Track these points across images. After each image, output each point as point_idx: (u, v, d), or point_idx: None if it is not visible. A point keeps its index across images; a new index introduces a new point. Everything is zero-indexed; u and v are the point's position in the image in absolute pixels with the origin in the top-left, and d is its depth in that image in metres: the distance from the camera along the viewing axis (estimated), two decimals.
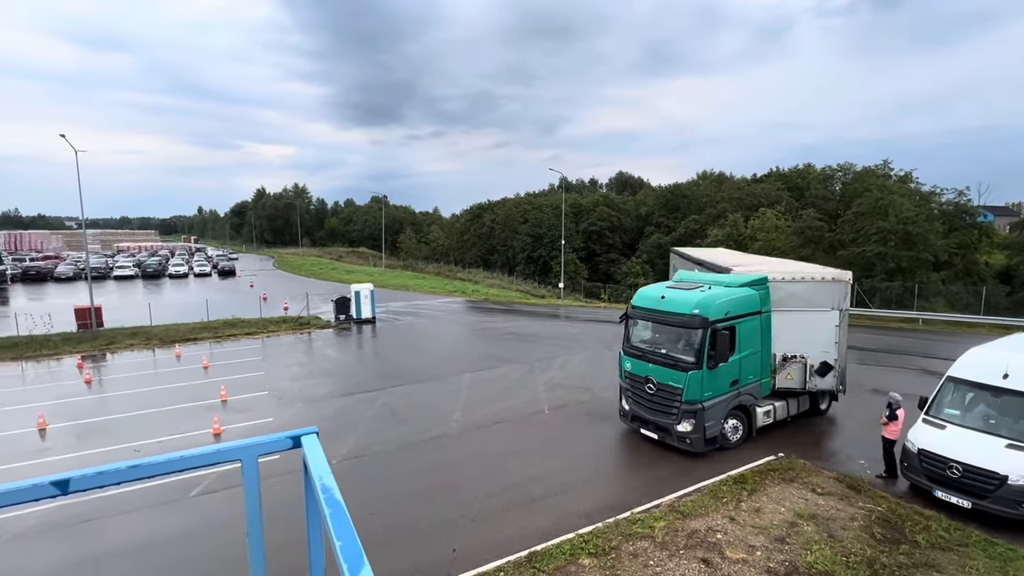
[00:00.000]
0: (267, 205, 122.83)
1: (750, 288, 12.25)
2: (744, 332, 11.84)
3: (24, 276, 50.43)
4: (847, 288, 12.57)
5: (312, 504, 1.56)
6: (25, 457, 12.60)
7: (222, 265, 60.12)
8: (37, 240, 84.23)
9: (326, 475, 1.36)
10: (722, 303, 11.58)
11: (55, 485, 1.32)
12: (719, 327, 11.25)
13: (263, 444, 1.58)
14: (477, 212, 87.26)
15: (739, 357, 11.80)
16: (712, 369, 11.28)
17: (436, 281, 54.21)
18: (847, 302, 12.62)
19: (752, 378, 12.23)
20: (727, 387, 11.71)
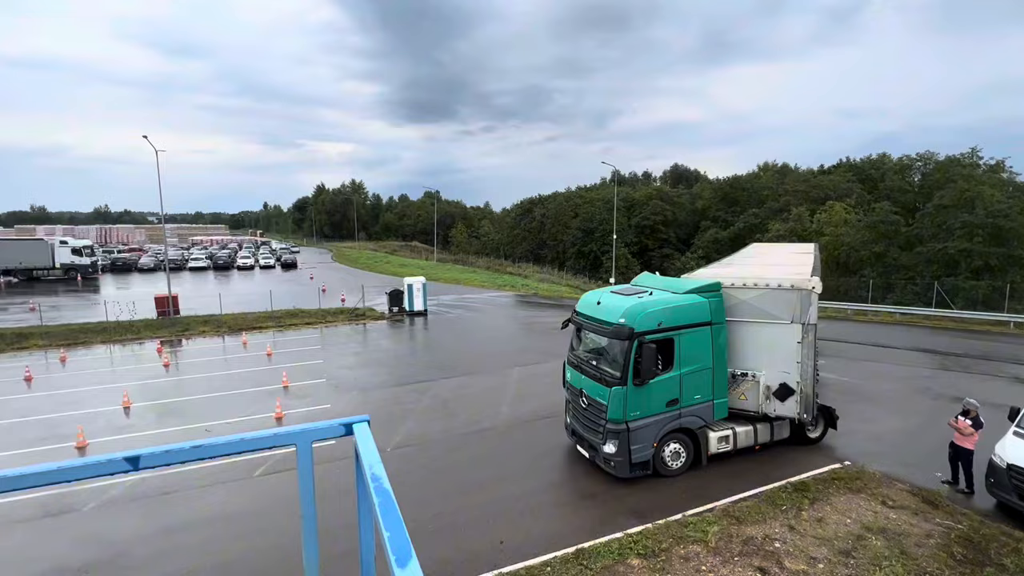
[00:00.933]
0: (326, 200, 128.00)
1: (698, 296, 10.75)
2: (687, 345, 10.48)
3: (112, 267, 55.04)
4: (811, 298, 10.49)
5: (362, 491, 1.57)
6: (112, 432, 13.76)
7: (285, 258, 63.26)
8: (123, 234, 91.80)
9: (376, 464, 1.36)
10: (654, 312, 10.23)
11: (127, 461, 1.39)
12: (647, 339, 9.95)
13: (317, 430, 1.61)
14: (527, 206, 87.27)
15: (679, 373, 10.45)
16: (639, 386, 10.02)
17: (486, 275, 54.70)
18: (812, 315, 10.57)
19: (699, 398, 10.76)
20: (662, 407, 10.39)
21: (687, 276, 12.52)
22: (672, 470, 10.77)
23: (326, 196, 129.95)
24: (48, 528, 9.47)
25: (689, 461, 10.90)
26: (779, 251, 18.49)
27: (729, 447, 11.12)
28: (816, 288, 10.52)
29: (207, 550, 8.74)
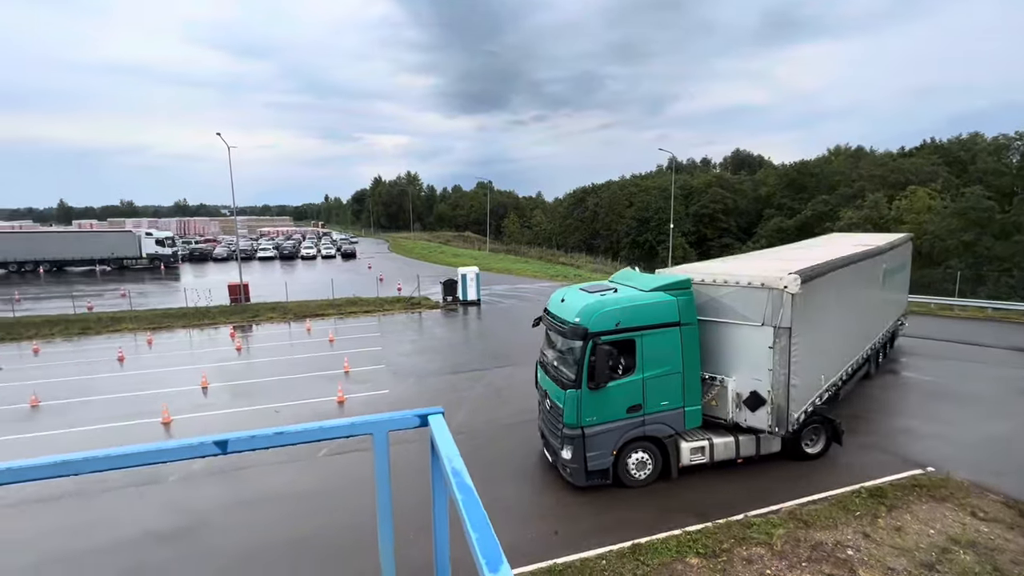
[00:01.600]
0: (382, 192, 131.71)
1: (665, 293, 9.90)
2: (651, 347, 9.67)
3: (190, 256, 59.20)
4: (784, 299, 9.31)
5: (439, 485, 1.55)
6: (193, 410, 14.83)
7: (344, 248, 65.68)
8: (199, 226, 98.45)
9: (455, 458, 1.33)
10: (612, 311, 9.52)
11: (217, 444, 1.43)
12: (603, 340, 9.29)
13: (392, 420, 1.60)
14: (580, 196, 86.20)
15: (641, 378, 9.69)
16: (594, 389, 9.37)
17: (538, 265, 54.59)
18: (785, 317, 9.37)
19: (667, 404, 9.92)
20: (622, 413, 9.66)
21: (660, 271, 11.56)
22: (637, 481, 10.02)
23: (383, 188, 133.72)
24: (136, 496, 10.35)
25: (657, 472, 10.10)
26: (841, 241, 17.96)
27: (705, 459, 10.19)
28: (789, 288, 9.28)
29: (280, 524, 9.27)
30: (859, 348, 13.56)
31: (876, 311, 15.20)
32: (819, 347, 10.59)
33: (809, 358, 10.05)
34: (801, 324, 9.60)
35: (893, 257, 16.59)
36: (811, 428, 10.79)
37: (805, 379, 10.02)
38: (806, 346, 9.84)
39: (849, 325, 12.66)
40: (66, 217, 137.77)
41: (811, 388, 10.49)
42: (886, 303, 16.26)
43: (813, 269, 10.25)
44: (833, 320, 11.40)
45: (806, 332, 9.84)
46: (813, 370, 10.47)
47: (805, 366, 9.90)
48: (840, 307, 11.91)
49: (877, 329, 15.32)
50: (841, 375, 12.27)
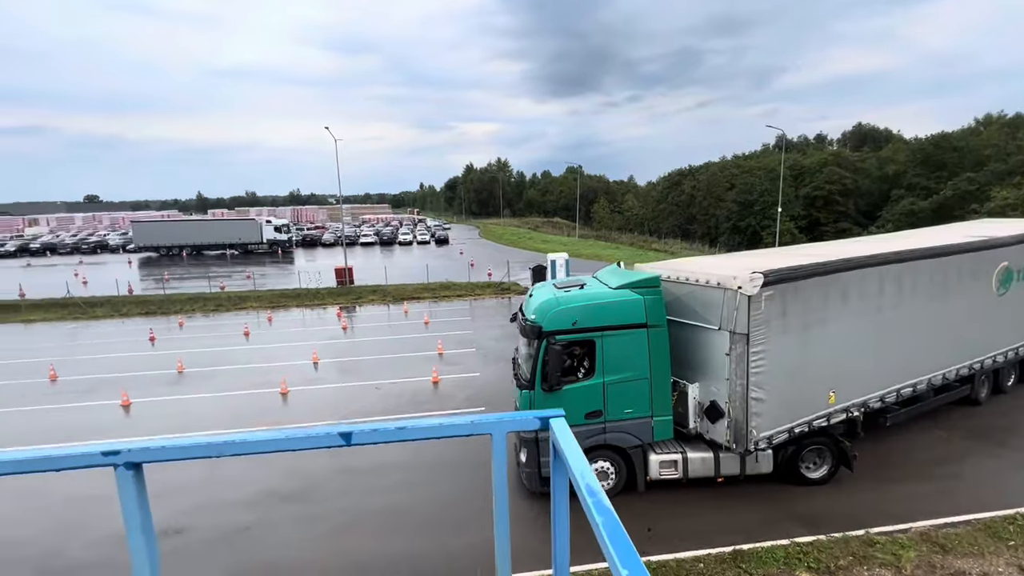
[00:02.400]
0: (474, 179, 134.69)
1: (631, 292, 9.09)
2: (613, 349, 8.92)
3: (302, 242, 64.70)
4: (740, 301, 8.25)
5: (560, 493, 1.45)
6: (306, 383, 16.22)
7: (438, 234, 68.20)
8: (310, 213, 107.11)
9: (586, 472, 1.20)
10: (569, 309, 8.90)
11: (342, 436, 1.42)
12: (558, 340, 8.70)
13: (512, 421, 1.52)
14: (676, 179, 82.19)
15: (601, 382, 8.97)
16: (549, 391, 8.78)
17: (629, 252, 52.99)
18: (742, 322, 8.30)
19: (631, 412, 9.11)
20: (580, 418, 8.94)
21: (639, 267, 10.60)
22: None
23: (474, 175, 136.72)
24: (261, 460, 11.52)
25: (621, 484, 9.38)
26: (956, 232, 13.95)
27: (677, 474, 9.26)
28: (744, 289, 8.16)
29: (379, 493, 9.89)
30: (923, 367, 10.88)
31: (967, 324, 11.59)
32: (819, 361, 9.21)
33: (789, 371, 8.86)
34: (771, 331, 8.51)
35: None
36: (813, 450, 9.61)
37: (780, 394, 8.81)
38: (782, 357, 8.71)
39: (893, 339, 10.20)
40: (203, 207, 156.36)
41: (796, 405, 9.14)
42: (999, 315, 12.38)
43: (795, 269, 8.80)
44: (850, 332, 9.57)
45: (782, 341, 8.68)
46: (803, 385, 9.13)
47: (779, 379, 8.73)
48: (864, 317, 9.74)
49: (973, 347, 11.88)
50: (884, 396, 10.32)
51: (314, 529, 8.96)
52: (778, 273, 8.51)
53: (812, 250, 11.95)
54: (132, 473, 1.39)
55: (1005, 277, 12.24)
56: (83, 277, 38.86)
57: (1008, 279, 12.32)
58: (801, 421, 9.18)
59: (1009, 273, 12.33)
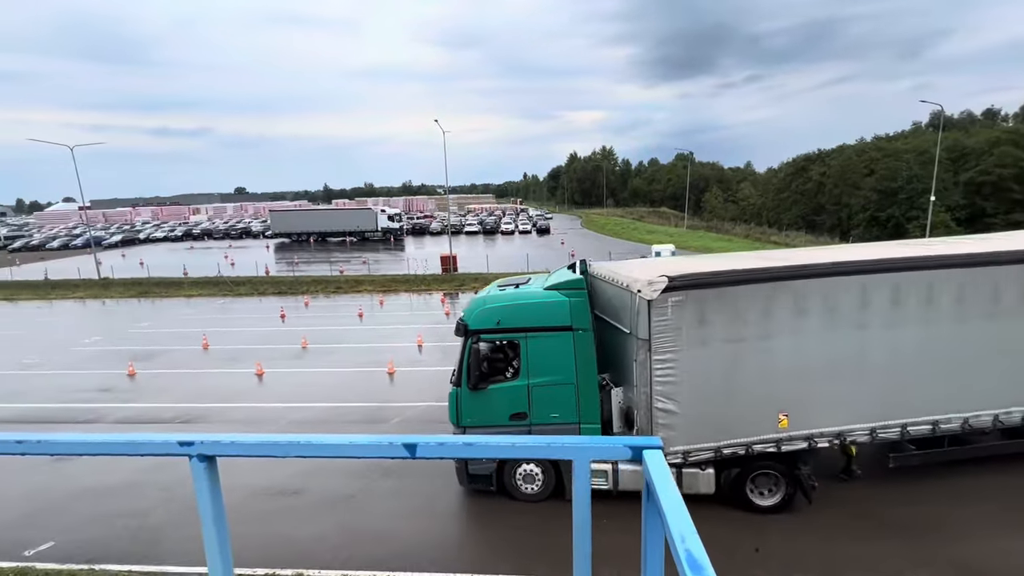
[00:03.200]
0: (577, 168, 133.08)
1: (558, 294, 8.84)
2: (537, 351, 8.79)
3: (412, 230, 68.50)
4: (641, 305, 7.80)
5: (653, 536, 1.19)
6: (411, 365, 17.10)
7: (540, 224, 68.45)
8: (419, 203, 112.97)
9: (688, 534, 0.94)
10: (493, 309, 8.88)
11: (406, 447, 1.29)
12: (482, 339, 8.81)
13: (598, 448, 1.29)
14: (802, 164, 74.52)
15: (526, 383, 8.85)
16: (473, 390, 8.86)
17: (743, 244, 49.11)
18: (644, 327, 7.83)
19: (557, 417, 8.81)
20: (505, 419, 8.89)
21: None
22: (525, 494, 9.18)
23: (577, 164, 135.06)
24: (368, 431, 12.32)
25: (549, 489, 9.13)
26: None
27: (608, 485, 8.53)
28: (643, 293, 7.59)
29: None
30: (938, 402, 8.73)
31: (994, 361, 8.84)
32: (761, 379, 8.17)
33: (714, 386, 8.12)
34: (682, 340, 7.89)
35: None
36: (764, 475, 8.65)
37: (700, 410, 8.11)
38: (701, 370, 8.03)
39: (884, 364, 8.48)
40: (328, 198, 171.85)
41: (728, 424, 8.23)
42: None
43: (713, 275, 8.00)
44: (810, 349, 8.26)
45: (701, 353, 7.99)
46: (739, 404, 8.20)
47: (697, 393, 8.06)
48: (834, 334, 8.28)
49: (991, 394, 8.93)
50: (880, 430, 8.61)
51: (408, 503, 9.38)
52: (688, 278, 7.82)
53: (817, 253, 10.22)
54: (205, 465, 1.38)
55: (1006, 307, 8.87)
56: (231, 259, 44.52)
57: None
58: (736, 442, 8.31)
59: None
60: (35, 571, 8.10)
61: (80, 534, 9.08)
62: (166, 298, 31.54)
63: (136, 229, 73.81)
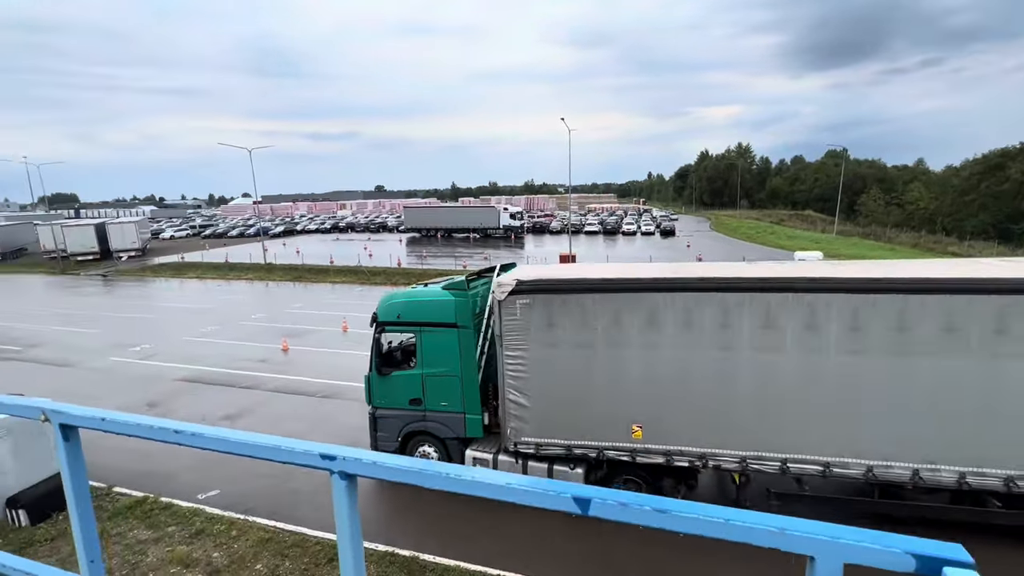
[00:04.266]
0: (708, 167, 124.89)
1: (448, 294, 9.61)
2: (430, 345, 9.64)
3: (532, 229, 69.42)
4: (495, 304, 8.68)
5: None
6: None
7: (664, 225, 65.39)
8: (540, 202, 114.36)
9: None
10: (396, 304, 9.95)
11: (578, 502, 1.00)
12: (387, 329, 10.06)
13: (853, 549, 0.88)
14: (996, 161, 62.24)
15: (421, 373, 9.79)
16: (381, 376, 10.08)
17: (910, 254, 42.23)
18: (497, 324, 8.62)
19: (447, 406, 9.71)
20: (405, 403, 9.98)
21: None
22: None
23: (708, 162, 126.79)
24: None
25: None
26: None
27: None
28: (495, 293, 8.57)
29: None
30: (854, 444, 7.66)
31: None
32: (613, 387, 8.42)
33: (566, 386, 8.60)
34: (531, 340, 8.57)
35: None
36: (630, 481, 9.00)
37: (551, 406, 8.71)
38: (551, 369, 8.60)
39: (779, 391, 7.84)
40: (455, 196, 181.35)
41: (583, 425, 8.63)
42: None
43: (558, 281, 8.53)
44: (670, 364, 8.15)
45: (551, 354, 8.55)
46: (592, 407, 8.56)
47: (548, 391, 8.69)
48: (700, 352, 8.02)
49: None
50: (751, 461, 8.01)
51: None
52: (535, 283, 8.39)
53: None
54: (346, 484, 1.23)
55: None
56: (369, 251, 48.77)
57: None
58: (588, 444, 8.65)
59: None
60: (204, 513, 9.39)
61: (239, 486, 10.37)
62: (315, 283, 35.40)
63: (295, 221, 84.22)
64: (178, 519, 9.20)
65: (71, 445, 1.56)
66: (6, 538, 8.68)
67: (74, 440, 1.57)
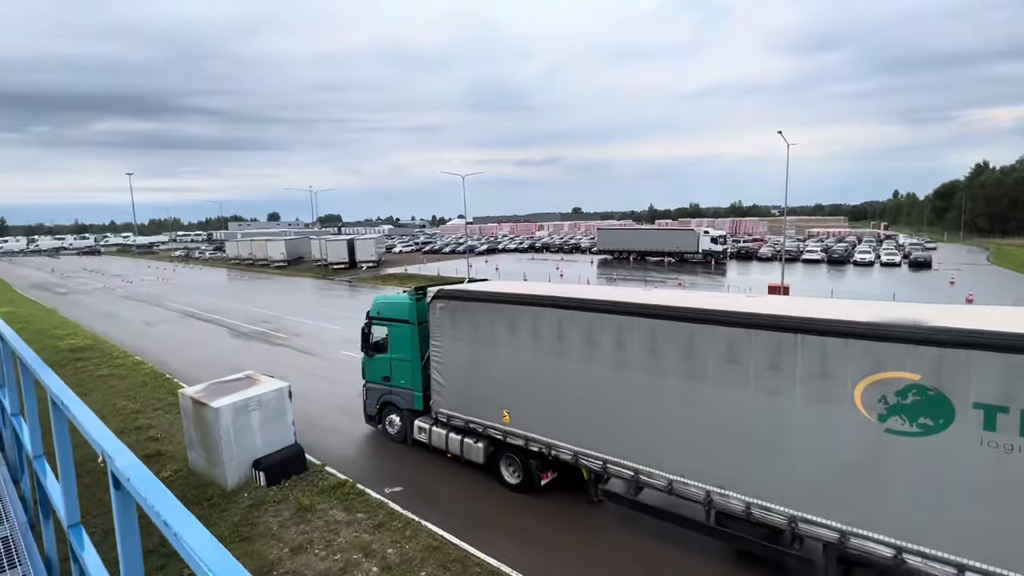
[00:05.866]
0: (987, 183, 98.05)
1: (407, 298, 12.45)
2: (396, 336, 12.55)
3: (737, 254, 62.99)
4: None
5: None
6: None
7: (914, 255, 52.97)
8: (749, 225, 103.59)
9: None
10: (378, 304, 13.05)
11: None
12: (373, 323, 12.98)
13: None
14: None
15: (389, 357, 12.69)
16: (368, 357, 13.11)
17: None
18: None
19: (404, 383, 12.53)
20: (381, 379, 12.97)
21: None
22: (391, 436, 13.16)
23: (988, 177, 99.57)
24: None
25: (402, 436, 12.80)
26: None
27: (425, 439, 12.03)
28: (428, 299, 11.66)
29: None
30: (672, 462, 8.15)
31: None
32: (488, 378, 10.64)
33: (462, 373, 11.08)
34: (444, 334, 11.28)
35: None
36: (510, 457, 10.66)
37: (455, 387, 11.27)
38: (454, 358, 11.18)
39: (600, 401, 8.91)
40: (652, 218, 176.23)
41: (474, 405, 10.95)
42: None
43: (455, 291, 11.17)
44: (523, 365, 9.99)
45: (454, 346, 11.13)
46: (477, 392, 10.86)
47: (453, 374, 11.26)
48: (547, 358, 9.58)
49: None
50: (594, 459, 9.06)
51: None
52: (444, 292, 11.27)
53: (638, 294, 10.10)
54: None
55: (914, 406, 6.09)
56: (560, 271, 50.02)
57: (926, 410, 6.02)
58: (477, 421, 10.90)
59: (933, 400, 5.98)
60: (388, 508, 10.17)
61: (419, 486, 11.05)
62: None
63: (497, 241, 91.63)
64: (367, 508, 10.13)
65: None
66: (250, 493, 10.62)
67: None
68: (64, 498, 2.83)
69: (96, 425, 2.15)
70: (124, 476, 1.73)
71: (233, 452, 10.78)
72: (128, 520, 1.85)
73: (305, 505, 10.11)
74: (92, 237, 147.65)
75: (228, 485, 10.75)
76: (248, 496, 10.50)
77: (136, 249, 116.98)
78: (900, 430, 6.14)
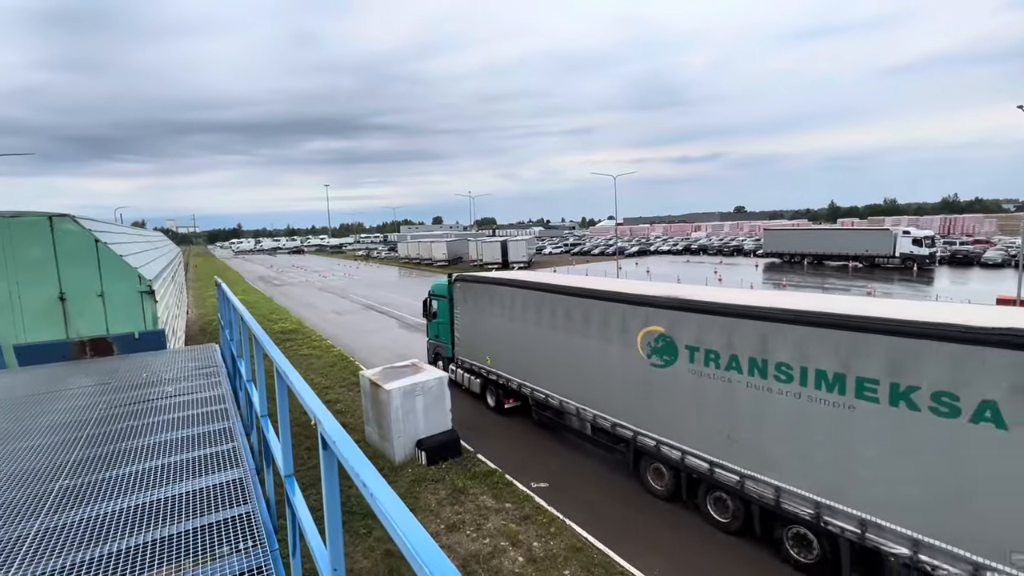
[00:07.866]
0: None
1: (445, 281, 17.31)
2: (441, 307, 17.60)
3: (951, 259, 51.79)
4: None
5: None
6: None
7: None
8: (969, 224, 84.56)
9: None
10: (433, 286, 18.27)
11: None
12: (432, 296, 18.05)
13: None
14: None
15: (438, 321, 17.98)
16: (429, 321, 18.64)
17: None
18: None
19: (444, 339, 17.75)
20: (433, 336, 18.51)
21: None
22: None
23: None
24: None
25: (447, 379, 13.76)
26: None
27: (454, 377, 16.60)
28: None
29: None
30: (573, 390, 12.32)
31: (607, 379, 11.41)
32: (482, 334, 15.56)
33: (471, 330, 16.09)
34: (462, 305, 16.39)
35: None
36: (490, 388, 15.72)
37: (468, 340, 16.33)
38: (466, 320, 16.26)
39: (532, 349, 13.52)
40: (833, 216, 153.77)
41: (476, 353, 15.94)
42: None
43: (463, 276, 16.48)
44: (498, 327, 14.70)
45: (465, 311, 16.26)
46: (476, 343, 15.86)
47: (466, 332, 16.32)
48: (511, 323, 14.14)
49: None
50: (540, 392, 13.37)
51: None
52: (460, 276, 16.50)
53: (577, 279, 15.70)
54: None
55: (661, 348, 9.83)
56: (719, 275, 46.33)
57: (666, 351, 9.73)
58: (474, 363, 15.95)
59: (668, 344, 9.65)
60: (534, 501, 10.45)
61: (562, 480, 11.17)
62: None
63: (649, 242, 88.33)
64: (515, 499, 10.53)
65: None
66: (413, 469, 11.78)
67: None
68: (282, 452, 3.42)
69: (310, 395, 2.55)
70: (331, 439, 2.02)
71: (401, 430, 12.06)
72: (332, 476, 2.15)
73: (459, 488, 10.88)
74: (298, 239, 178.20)
75: (396, 459, 12.06)
76: (411, 472, 11.66)
77: (329, 249, 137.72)
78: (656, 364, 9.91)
